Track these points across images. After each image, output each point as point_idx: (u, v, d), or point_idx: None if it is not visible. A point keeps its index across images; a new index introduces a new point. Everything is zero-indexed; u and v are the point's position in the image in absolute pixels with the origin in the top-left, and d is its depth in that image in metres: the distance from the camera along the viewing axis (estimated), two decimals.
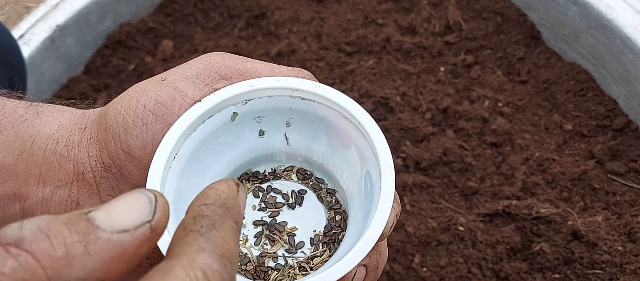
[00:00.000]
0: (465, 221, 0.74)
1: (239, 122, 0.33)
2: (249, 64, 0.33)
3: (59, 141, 0.32)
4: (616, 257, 0.70)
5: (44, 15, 0.82)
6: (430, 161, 0.79)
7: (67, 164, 0.32)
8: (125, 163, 0.31)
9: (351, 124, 0.32)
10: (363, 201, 0.32)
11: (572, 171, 0.78)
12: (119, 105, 0.31)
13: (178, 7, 0.97)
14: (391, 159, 0.30)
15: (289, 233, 0.33)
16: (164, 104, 0.31)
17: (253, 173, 0.35)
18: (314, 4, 0.99)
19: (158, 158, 0.30)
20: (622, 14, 0.81)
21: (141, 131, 0.31)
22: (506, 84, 0.88)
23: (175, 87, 0.32)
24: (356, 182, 0.33)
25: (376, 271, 0.32)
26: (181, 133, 0.31)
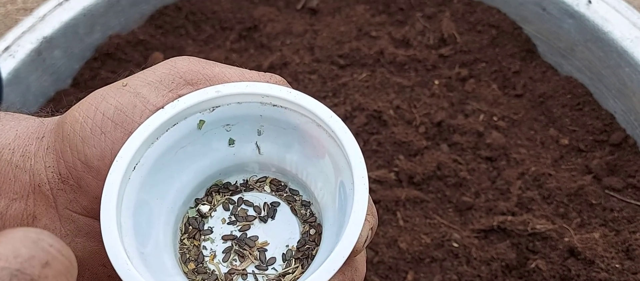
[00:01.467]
0: (459, 238, 0.73)
1: (207, 131, 0.32)
2: (217, 69, 0.31)
3: (15, 151, 0.31)
4: (614, 275, 0.69)
5: (30, 27, 0.81)
6: (424, 176, 0.79)
7: (23, 175, 0.30)
8: (83, 175, 0.30)
9: (324, 131, 0.31)
10: (337, 214, 0.30)
11: (569, 186, 0.77)
12: (76, 112, 0.30)
13: (169, 19, 0.96)
14: (365, 170, 0.28)
15: (260, 248, 0.32)
16: (124, 111, 0.30)
17: (224, 185, 0.34)
18: (307, 16, 0.99)
19: (115, 169, 0.29)
20: (618, 27, 0.81)
21: (99, 140, 0.29)
22: (501, 98, 0.88)
23: (136, 93, 0.30)
24: (330, 193, 0.31)
25: None
26: (142, 142, 0.29)
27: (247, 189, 0.34)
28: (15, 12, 0.97)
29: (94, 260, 0.31)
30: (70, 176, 0.30)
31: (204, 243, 0.32)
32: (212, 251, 0.32)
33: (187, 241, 0.32)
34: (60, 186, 0.30)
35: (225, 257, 0.31)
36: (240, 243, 0.32)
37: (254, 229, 0.32)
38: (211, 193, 0.33)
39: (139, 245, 0.29)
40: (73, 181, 0.30)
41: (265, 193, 0.33)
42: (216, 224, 0.32)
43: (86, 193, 0.30)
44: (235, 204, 0.33)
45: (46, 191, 0.30)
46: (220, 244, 0.32)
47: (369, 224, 0.30)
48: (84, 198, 0.30)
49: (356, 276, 0.30)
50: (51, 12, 0.83)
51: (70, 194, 0.30)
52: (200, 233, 0.32)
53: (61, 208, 0.30)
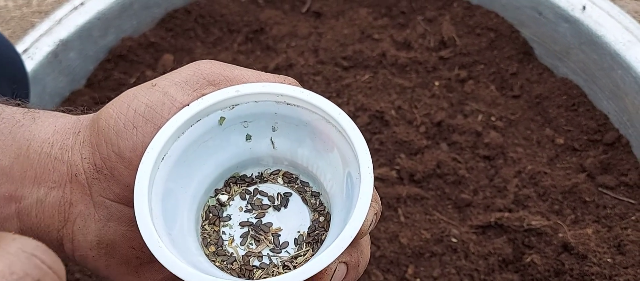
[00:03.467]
0: (458, 233, 0.75)
1: (227, 127, 0.35)
2: (237, 72, 0.34)
3: (53, 145, 0.34)
4: (606, 269, 0.71)
5: (47, 30, 0.83)
6: (424, 174, 0.80)
7: (61, 166, 0.33)
8: (116, 165, 0.32)
9: (333, 127, 0.33)
10: (344, 202, 0.33)
11: (564, 184, 0.79)
12: (111, 109, 0.33)
13: (179, 22, 0.98)
14: (370, 161, 0.31)
15: (274, 233, 0.34)
16: (154, 108, 0.32)
17: (240, 177, 0.36)
18: (312, 19, 1.01)
19: (147, 159, 0.31)
20: (611, 31, 0.83)
21: (132, 134, 0.32)
22: (499, 99, 0.89)
23: (165, 92, 0.33)
24: (338, 184, 0.34)
25: (357, 270, 0.32)
26: (169, 136, 0.32)
27: (262, 181, 0.36)
28: (30, 15, 1.00)
29: (124, 242, 0.34)
30: (105, 167, 0.33)
31: (223, 228, 0.34)
32: (231, 236, 0.34)
33: (208, 226, 0.35)
34: (95, 175, 0.33)
35: (243, 241, 0.34)
36: (256, 228, 0.34)
37: (269, 217, 0.35)
38: (229, 184, 0.36)
39: (168, 227, 0.32)
40: (107, 171, 0.33)
41: (278, 185, 0.36)
42: (234, 212, 0.35)
43: (118, 182, 0.33)
44: (251, 194, 0.36)
45: (82, 180, 0.33)
46: (238, 230, 0.34)
47: (373, 210, 0.32)
48: (116, 186, 0.33)
49: (361, 257, 0.33)
50: (67, 16, 0.85)
51: (104, 182, 0.33)
52: (220, 219, 0.35)
53: (95, 195, 0.33)
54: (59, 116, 0.35)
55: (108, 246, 0.33)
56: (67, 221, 0.33)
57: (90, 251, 0.33)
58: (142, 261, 0.34)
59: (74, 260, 0.34)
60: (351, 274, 0.32)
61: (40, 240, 0.31)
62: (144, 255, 0.34)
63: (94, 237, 0.33)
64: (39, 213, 0.33)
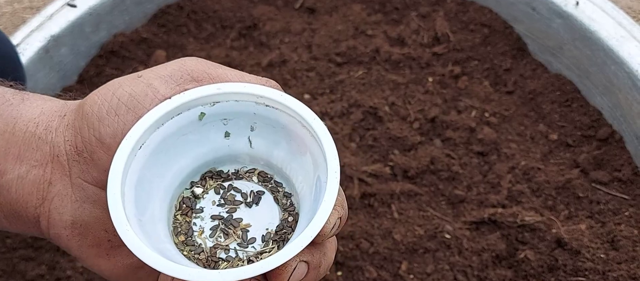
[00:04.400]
0: (451, 229, 0.75)
1: (206, 122, 0.36)
2: (220, 70, 0.35)
3: (39, 125, 0.35)
4: (599, 265, 0.71)
5: (38, 25, 0.83)
6: (417, 170, 0.80)
7: (44, 146, 0.34)
8: (96, 149, 0.33)
9: (308, 131, 0.34)
10: (312, 204, 0.34)
11: (557, 180, 0.79)
12: (96, 96, 0.34)
13: (171, 18, 0.98)
14: (338, 166, 0.32)
15: (243, 229, 0.35)
16: (137, 98, 0.33)
17: (217, 172, 0.37)
18: (305, 15, 1.01)
19: (124, 146, 0.32)
20: (604, 26, 0.83)
21: (113, 121, 0.33)
22: (493, 95, 0.89)
23: (149, 84, 0.34)
24: (309, 186, 0.35)
25: (318, 270, 0.33)
26: (149, 125, 0.33)
27: (237, 178, 0.37)
28: (22, 11, 0.99)
29: (97, 225, 0.35)
30: (85, 150, 0.34)
31: (195, 220, 0.36)
32: (201, 228, 0.35)
33: (180, 217, 0.36)
34: (76, 158, 0.34)
35: (212, 234, 0.35)
36: (226, 223, 0.35)
37: (240, 213, 0.36)
38: (205, 177, 0.37)
39: (138, 213, 0.33)
40: (87, 155, 0.34)
41: (252, 183, 0.37)
42: (207, 205, 0.36)
43: (97, 166, 0.34)
44: (226, 189, 0.37)
45: (63, 161, 0.34)
46: (209, 222, 0.36)
47: (337, 214, 0.33)
48: (95, 169, 0.34)
49: (324, 260, 0.34)
50: (58, 11, 0.85)
51: (83, 165, 0.34)
52: (192, 211, 0.36)
53: (74, 177, 0.34)
54: (47, 99, 0.36)
55: (82, 227, 0.35)
56: (45, 200, 0.35)
57: (64, 230, 0.35)
58: (113, 245, 0.35)
59: (49, 237, 0.36)
60: (311, 274, 0.33)
61: (17, 214, 0.35)
62: (116, 239, 0.34)
63: (69, 217, 0.34)
64: (19, 189, 0.34)
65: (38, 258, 0.73)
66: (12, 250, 0.74)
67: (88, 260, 0.36)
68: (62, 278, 0.72)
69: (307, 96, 0.89)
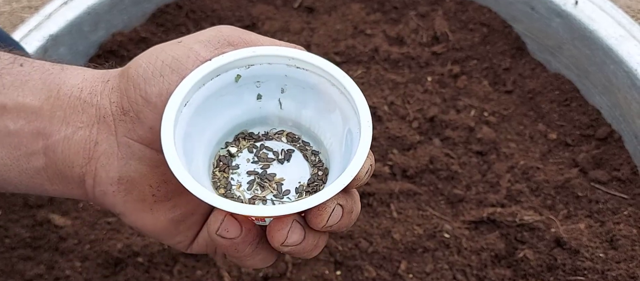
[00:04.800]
0: (450, 229, 0.75)
1: (242, 84, 0.38)
2: (254, 36, 0.38)
3: (83, 90, 0.37)
4: (598, 264, 0.71)
5: (37, 25, 0.83)
6: (417, 169, 0.80)
7: (90, 109, 0.37)
8: (143, 108, 0.36)
9: (337, 89, 0.37)
10: (343, 157, 0.37)
11: (556, 179, 0.79)
12: (141, 60, 0.37)
13: (170, 17, 0.98)
14: (370, 118, 0.35)
15: (278, 182, 0.38)
16: (180, 60, 0.36)
17: (249, 134, 0.40)
18: (304, 14, 1.01)
19: (172, 103, 0.35)
20: (603, 25, 0.83)
21: (159, 81, 0.36)
22: (492, 94, 0.89)
23: (190, 48, 0.36)
24: (338, 142, 0.38)
25: (350, 216, 0.36)
26: (192, 85, 0.35)
27: (267, 139, 0.40)
28: (20, 10, 0.99)
29: (142, 180, 0.37)
30: (131, 109, 0.36)
31: (232, 175, 0.38)
32: (239, 182, 0.38)
33: (218, 173, 0.38)
34: (122, 117, 0.36)
35: (249, 187, 0.38)
36: (262, 177, 0.38)
37: (273, 168, 0.39)
38: (238, 138, 0.40)
39: (187, 163, 0.35)
40: (133, 114, 0.36)
41: (282, 143, 0.40)
42: (242, 163, 0.39)
43: (143, 124, 0.36)
44: (258, 148, 0.39)
45: (109, 122, 0.36)
46: (245, 177, 0.38)
47: (369, 161, 0.35)
48: (140, 128, 0.36)
49: (355, 206, 0.37)
50: (57, 10, 0.85)
51: (129, 124, 0.36)
52: (229, 168, 0.39)
53: (120, 136, 0.36)
54: (86, 69, 0.39)
55: (128, 182, 0.37)
56: (92, 159, 0.37)
57: (110, 186, 0.37)
58: (157, 199, 0.38)
59: (93, 195, 0.38)
60: (345, 218, 0.35)
61: (62, 175, 0.37)
62: (160, 193, 0.38)
63: (115, 173, 0.37)
64: (65, 149, 0.36)
65: (36, 258, 0.73)
66: (10, 250, 0.74)
67: (132, 215, 0.38)
68: (61, 277, 0.72)
69: None
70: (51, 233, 0.75)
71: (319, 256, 0.73)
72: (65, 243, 0.74)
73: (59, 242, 0.74)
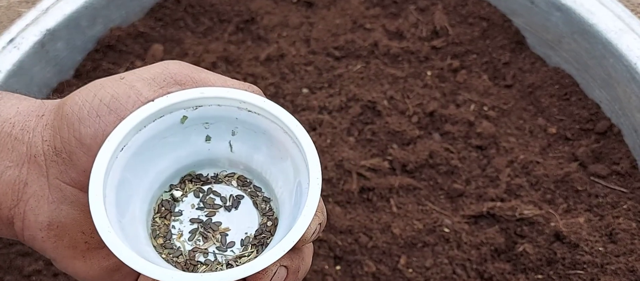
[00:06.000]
0: (450, 223, 0.75)
1: (188, 126, 0.36)
2: (203, 75, 0.35)
3: (15, 125, 0.34)
4: (597, 258, 0.71)
5: (34, 19, 0.82)
6: (416, 164, 0.80)
7: (20, 146, 0.34)
8: (76, 150, 0.33)
9: (289, 137, 0.35)
10: (292, 209, 0.34)
11: (556, 173, 0.79)
12: (77, 96, 0.34)
13: (168, 12, 0.98)
14: (320, 172, 0.33)
15: (222, 232, 0.35)
16: (119, 100, 0.33)
17: (196, 175, 0.37)
18: (303, 9, 1.00)
19: (106, 147, 0.32)
20: (603, 19, 0.83)
21: (94, 122, 0.33)
22: (492, 88, 0.89)
23: (131, 86, 0.34)
24: (288, 191, 0.35)
25: (296, 275, 0.34)
26: (131, 127, 0.33)
27: (216, 182, 0.37)
28: (17, 4, 0.99)
29: (74, 226, 0.34)
30: (64, 150, 0.33)
31: (174, 223, 0.36)
32: (180, 231, 0.35)
33: (159, 219, 0.36)
34: (54, 158, 0.33)
35: (191, 237, 0.35)
36: (206, 226, 0.36)
37: (219, 216, 0.36)
38: (185, 181, 0.37)
39: (119, 215, 0.33)
40: (65, 155, 0.33)
41: (232, 187, 0.37)
42: (186, 209, 0.36)
43: (76, 167, 0.33)
44: (205, 193, 0.37)
45: (40, 162, 0.34)
46: (188, 225, 0.36)
47: (317, 220, 0.33)
48: (73, 170, 0.33)
49: (302, 264, 0.34)
50: (54, 5, 0.84)
51: (61, 166, 0.33)
52: (171, 214, 0.36)
53: (52, 178, 0.34)
54: (22, 99, 0.36)
55: (58, 228, 0.34)
56: (20, 201, 0.34)
57: (39, 232, 0.34)
58: (90, 247, 0.35)
59: (23, 238, 0.35)
60: (290, 278, 0.33)
61: None
62: (93, 241, 0.35)
63: (45, 218, 0.34)
64: None
65: (35, 254, 0.73)
66: (8, 246, 0.73)
67: (64, 262, 0.35)
68: (59, 273, 0.71)
69: (306, 90, 0.89)
70: None
71: (318, 251, 0.73)
72: None
73: None
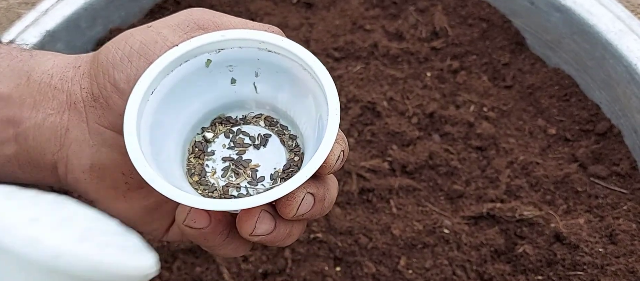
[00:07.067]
0: (450, 224, 0.75)
1: (213, 69, 0.37)
2: (225, 18, 0.37)
3: (53, 76, 0.37)
4: (597, 259, 0.71)
5: (33, 21, 0.82)
6: (416, 165, 0.80)
7: (60, 95, 0.36)
8: (112, 94, 0.35)
9: (309, 74, 0.36)
10: (315, 143, 0.36)
11: (556, 174, 0.79)
12: (110, 45, 0.36)
13: (168, 13, 0.98)
14: (338, 104, 0.34)
15: (252, 168, 0.38)
16: (147, 45, 0.35)
17: (226, 118, 0.40)
18: (303, 10, 1.00)
19: (137, 89, 0.34)
20: (603, 20, 0.83)
21: (126, 67, 0.35)
22: (491, 89, 0.89)
23: (158, 32, 0.36)
24: (312, 127, 0.37)
25: (323, 203, 0.36)
26: (159, 71, 0.35)
27: (245, 123, 0.39)
28: (17, 6, 0.99)
29: (114, 167, 0.37)
30: (101, 96, 0.36)
31: (207, 162, 0.38)
32: (213, 169, 0.38)
33: (193, 159, 0.38)
34: (92, 104, 0.36)
35: (224, 174, 0.38)
36: (237, 163, 0.38)
37: (249, 154, 0.38)
38: (215, 123, 0.39)
39: (155, 154, 0.35)
40: (103, 100, 0.36)
41: (260, 127, 0.39)
42: (218, 149, 0.38)
43: (113, 110, 0.36)
44: (234, 133, 0.39)
45: (80, 108, 0.36)
46: (220, 164, 0.38)
47: (339, 147, 0.35)
48: (111, 114, 0.36)
49: (328, 193, 0.36)
50: (53, 6, 0.84)
51: (99, 110, 0.36)
52: (204, 154, 0.38)
53: (91, 122, 0.36)
54: (57, 54, 0.38)
55: (99, 170, 0.36)
56: (63, 146, 0.36)
57: (82, 174, 0.36)
58: (130, 187, 0.37)
59: (65, 182, 0.37)
60: (317, 206, 0.35)
61: (34, 162, 0.37)
62: (133, 181, 0.37)
63: (87, 161, 0.36)
64: (37, 136, 0.36)
65: None
66: None
67: (105, 203, 0.38)
68: None
69: None
70: None
71: (318, 252, 0.73)
72: None
73: None
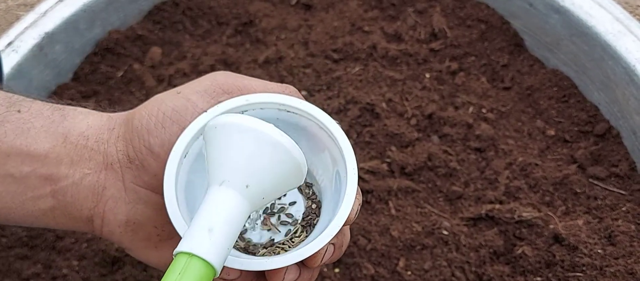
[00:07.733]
0: (449, 225, 0.75)
1: None
2: (247, 81, 0.41)
3: (89, 138, 0.40)
4: (596, 260, 0.71)
5: (32, 22, 0.82)
6: (415, 166, 0.80)
7: (97, 156, 0.39)
8: (147, 157, 0.39)
9: (325, 133, 0.40)
10: (333, 194, 0.40)
11: (554, 175, 0.79)
12: (143, 111, 0.39)
13: (166, 15, 0.98)
14: (355, 162, 0.38)
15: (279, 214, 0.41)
16: (179, 112, 0.39)
17: None
18: (302, 11, 1.00)
19: (173, 156, 0.37)
20: (601, 21, 0.83)
21: (161, 132, 0.38)
22: (490, 91, 0.89)
23: (188, 99, 0.39)
24: (328, 179, 0.41)
25: (341, 249, 0.40)
26: (192, 136, 0.38)
27: None
28: (15, 8, 0.99)
29: (148, 222, 0.40)
30: (136, 158, 0.39)
31: None
32: None
33: None
34: (128, 165, 0.39)
35: (249, 223, 0.41)
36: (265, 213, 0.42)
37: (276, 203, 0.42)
38: None
39: (189, 212, 0.38)
40: (138, 162, 0.39)
41: None
42: None
43: (148, 172, 0.39)
44: None
45: (116, 169, 0.39)
46: (253, 214, 0.41)
47: (357, 202, 0.38)
48: (145, 175, 0.39)
49: (344, 240, 0.40)
50: (52, 8, 0.84)
51: (135, 171, 0.39)
52: None
53: (127, 182, 0.39)
54: (88, 113, 0.41)
55: (134, 224, 0.40)
56: (100, 202, 0.39)
57: (118, 228, 0.40)
58: (162, 238, 0.41)
59: (100, 233, 0.40)
60: (336, 253, 0.39)
61: (70, 216, 0.40)
62: (164, 233, 0.41)
63: (123, 216, 0.39)
64: (74, 193, 0.39)
65: (33, 257, 0.73)
66: (7, 249, 0.73)
67: (138, 251, 0.41)
68: (58, 276, 0.71)
69: (304, 93, 0.89)
70: (48, 231, 0.74)
71: None
72: (62, 242, 0.73)
73: (56, 241, 0.74)
